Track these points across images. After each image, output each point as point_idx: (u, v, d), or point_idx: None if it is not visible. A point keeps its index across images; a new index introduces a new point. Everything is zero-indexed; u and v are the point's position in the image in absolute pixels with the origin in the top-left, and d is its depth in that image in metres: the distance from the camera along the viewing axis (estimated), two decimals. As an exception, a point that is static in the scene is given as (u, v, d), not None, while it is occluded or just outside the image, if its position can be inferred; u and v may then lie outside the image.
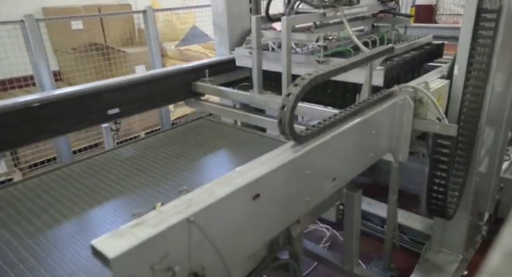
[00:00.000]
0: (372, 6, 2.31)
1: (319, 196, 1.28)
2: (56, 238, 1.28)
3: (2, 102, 1.69)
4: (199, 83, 2.30)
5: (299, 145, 1.15)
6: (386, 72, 1.82)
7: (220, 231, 0.93)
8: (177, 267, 0.83)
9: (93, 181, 1.61)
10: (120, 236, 0.77)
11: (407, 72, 2.10)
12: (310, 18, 2.06)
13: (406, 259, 2.46)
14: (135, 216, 0.84)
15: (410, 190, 2.78)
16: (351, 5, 2.10)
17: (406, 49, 2.17)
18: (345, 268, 1.99)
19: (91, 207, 1.44)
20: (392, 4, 2.46)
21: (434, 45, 2.39)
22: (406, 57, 2.06)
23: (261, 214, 1.05)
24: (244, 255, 1.06)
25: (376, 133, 1.47)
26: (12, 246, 1.24)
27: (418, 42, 2.28)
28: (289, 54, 1.93)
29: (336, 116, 1.31)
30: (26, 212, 1.42)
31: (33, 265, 1.16)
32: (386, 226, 2.21)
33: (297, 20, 1.99)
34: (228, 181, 0.97)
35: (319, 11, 1.96)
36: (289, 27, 1.87)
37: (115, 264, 0.72)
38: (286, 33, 1.86)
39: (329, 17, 2.01)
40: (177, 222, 0.83)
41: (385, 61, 1.88)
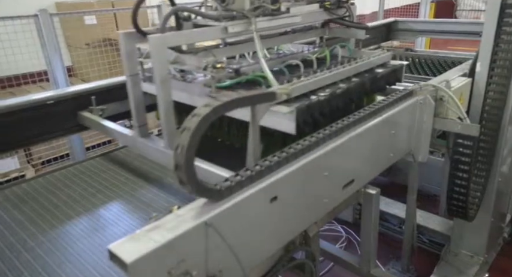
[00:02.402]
0: (309, 15, 1.67)
1: (337, 198, 1.26)
2: (68, 235, 1.30)
3: (17, 100, 1.71)
4: (84, 114, 1.77)
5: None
6: (300, 114, 1.24)
7: (237, 234, 0.92)
8: (194, 271, 0.83)
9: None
10: (137, 240, 0.77)
11: (342, 106, 1.47)
12: (200, 36, 1.40)
13: (424, 260, 2.41)
14: (152, 220, 0.83)
15: (429, 190, 2.72)
16: (275, 15, 1.50)
17: (335, 78, 1.49)
18: (362, 269, 1.96)
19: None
20: (343, 12, 1.80)
21: (390, 68, 1.73)
22: (339, 90, 1.43)
23: (279, 216, 1.04)
24: (261, 258, 1.05)
25: (396, 133, 1.44)
26: (27, 244, 1.26)
27: (367, 63, 1.65)
28: (165, 85, 1.33)
29: (349, 118, 1.27)
30: (40, 209, 1.44)
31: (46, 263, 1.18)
32: (405, 226, 2.16)
33: (175, 39, 1.34)
34: (245, 184, 0.96)
35: (219, 25, 1.39)
36: (160, 49, 1.29)
37: (132, 269, 0.72)
38: (157, 57, 1.28)
39: (236, 32, 1.42)
40: (194, 226, 0.82)
41: (305, 96, 1.35)
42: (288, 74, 1.50)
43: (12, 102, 1.65)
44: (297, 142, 1.12)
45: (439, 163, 2.58)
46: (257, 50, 1.41)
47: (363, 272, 1.95)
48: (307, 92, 1.36)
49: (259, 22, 1.45)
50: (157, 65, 1.30)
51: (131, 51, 1.44)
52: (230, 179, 0.92)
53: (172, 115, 1.38)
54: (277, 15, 1.52)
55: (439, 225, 2.40)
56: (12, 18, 3.14)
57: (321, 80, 1.42)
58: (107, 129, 1.67)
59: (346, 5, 1.78)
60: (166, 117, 1.37)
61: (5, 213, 1.43)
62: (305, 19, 1.66)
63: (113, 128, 1.65)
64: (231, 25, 1.40)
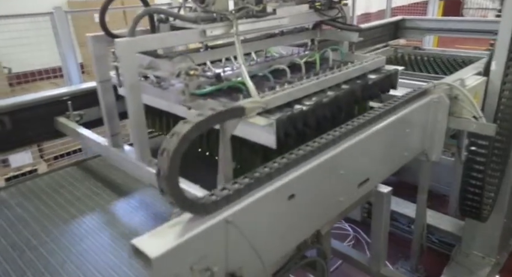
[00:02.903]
0: (297, 17, 1.54)
1: (352, 196, 1.26)
2: (71, 234, 1.30)
3: (35, 95, 1.71)
4: (60, 120, 1.68)
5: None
6: (281, 126, 1.12)
7: (256, 231, 0.92)
8: (215, 267, 0.83)
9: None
10: (160, 236, 0.77)
11: (330, 116, 1.34)
12: (174, 39, 1.28)
13: (433, 260, 2.40)
14: (173, 215, 0.83)
15: (438, 189, 2.71)
16: (259, 16, 1.38)
17: (323, 85, 1.36)
18: (371, 268, 1.96)
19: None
20: (335, 13, 1.66)
21: (384, 74, 1.58)
22: (326, 98, 1.31)
23: (296, 214, 1.04)
24: (279, 255, 1.05)
25: (410, 131, 1.43)
26: (30, 243, 1.26)
27: (359, 69, 1.52)
28: (134, 93, 1.22)
29: (359, 119, 1.23)
30: (53, 204, 1.45)
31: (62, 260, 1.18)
32: (415, 226, 2.16)
33: (146, 43, 1.22)
34: (263, 182, 0.96)
35: (197, 28, 1.27)
36: (129, 53, 1.18)
37: (156, 264, 0.72)
38: (125, 63, 1.17)
39: (215, 36, 1.30)
40: (215, 222, 0.82)
41: (288, 105, 1.25)
42: (272, 80, 1.39)
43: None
44: (314, 140, 1.12)
45: (449, 163, 2.57)
46: (238, 55, 1.27)
47: (372, 271, 1.95)
48: (291, 101, 1.25)
49: (242, 24, 1.33)
50: (126, 71, 1.18)
51: (101, 56, 1.33)
52: (239, 182, 0.91)
53: (143, 125, 1.27)
54: (261, 17, 1.40)
55: (449, 225, 2.39)
56: (25, 15, 3.16)
57: (306, 88, 1.30)
58: (81, 136, 1.57)
59: (339, 5, 1.66)
60: (137, 127, 1.25)
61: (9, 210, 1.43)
62: (293, 21, 1.53)
63: (86, 135, 1.55)
64: (209, 28, 1.28)
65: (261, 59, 1.63)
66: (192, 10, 1.37)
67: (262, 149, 1.21)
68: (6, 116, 1.57)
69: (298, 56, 1.67)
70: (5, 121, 1.57)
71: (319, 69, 1.50)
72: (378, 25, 3.41)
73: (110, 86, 1.37)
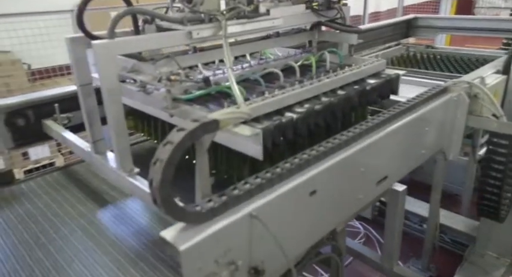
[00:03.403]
0: (293, 18, 1.46)
1: (371, 194, 1.26)
2: (79, 232, 1.29)
3: (56, 91, 1.71)
4: (47, 123, 1.62)
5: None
6: (268, 136, 1.06)
7: (279, 226, 0.92)
8: (239, 260, 0.83)
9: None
10: (188, 229, 0.78)
11: (324, 124, 1.28)
12: (157, 42, 1.20)
13: (445, 259, 2.39)
14: (199, 207, 0.84)
15: (450, 189, 2.69)
16: (251, 17, 1.31)
17: (317, 91, 1.29)
18: (384, 265, 1.96)
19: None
20: (333, 14, 1.58)
21: (384, 78, 1.49)
22: (319, 105, 1.23)
23: (317, 209, 1.04)
24: (300, 250, 1.06)
25: (429, 130, 1.42)
26: (40, 241, 1.27)
27: (357, 73, 1.43)
28: (114, 98, 1.15)
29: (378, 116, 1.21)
30: (71, 197, 1.46)
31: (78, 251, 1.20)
32: (427, 225, 2.15)
33: (126, 46, 1.14)
34: (285, 177, 0.96)
35: (183, 30, 1.20)
36: (107, 56, 1.10)
37: (185, 256, 0.73)
38: (103, 67, 1.10)
39: (201, 38, 1.22)
40: (240, 217, 0.83)
41: (277, 113, 1.18)
42: (263, 84, 1.31)
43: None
44: (334, 136, 1.12)
45: (462, 163, 2.55)
46: (225, 59, 1.19)
47: (385, 269, 1.95)
48: (281, 108, 1.18)
49: (232, 26, 1.25)
50: (105, 75, 1.10)
51: (81, 58, 1.25)
52: (261, 176, 0.90)
53: (124, 133, 1.21)
54: (253, 17, 1.31)
55: (462, 225, 2.38)
56: (47, 13, 3.20)
57: (298, 95, 1.22)
58: (66, 140, 1.52)
59: (338, 5, 1.57)
60: (117, 135, 1.18)
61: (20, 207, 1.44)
62: (288, 22, 1.44)
63: (70, 139, 1.49)
64: (196, 29, 1.19)
65: (254, 61, 1.56)
66: (180, 10, 1.30)
67: (250, 158, 1.13)
68: (30, 109, 1.58)
69: (294, 59, 1.59)
70: (29, 115, 1.59)
71: (314, 73, 1.43)
72: (389, 23, 3.38)
73: (91, 90, 1.30)
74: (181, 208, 0.77)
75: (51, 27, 3.41)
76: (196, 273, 0.76)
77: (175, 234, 0.76)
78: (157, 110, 1.25)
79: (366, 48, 2.99)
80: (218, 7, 1.25)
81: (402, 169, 1.38)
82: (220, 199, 0.84)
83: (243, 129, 1.04)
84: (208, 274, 0.78)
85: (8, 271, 1.13)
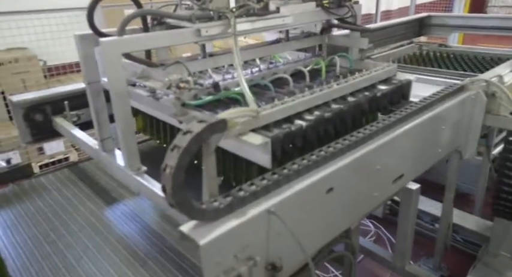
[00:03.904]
0: (303, 15, 1.41)
1: (386, 192, 1.25)
2: (88, 229, 1.30)
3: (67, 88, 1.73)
4: (58, 120, 1.63)
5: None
6: (277, 145, 1.05)
7: (296, 222, 0.92)
8: (257, 256, 0.83)
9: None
10: (206, 224, 0.78)
11: (334, 131, 1.26)
12: (165, 39, 1.19)
13: (457, 259, 2.37)
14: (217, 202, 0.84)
15: (462, 188, 2.66)
16: (260, 15, 1.28)
17: (327, 97, 1.26)
18: (395, 264, 1.95)
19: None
20: (344, 12, 1.54)
21: (396, 84, 1.44)
22: (329, 113, 1.21)
23: (333, 207, 1.04)
24: (316, 247, 1.06)
25: (446, 128, 1.41)
26: (49, 237, 1.28)
27: (368, 79, 1.39)
28: (121, 96, 1.14)
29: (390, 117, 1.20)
30: (63, 200, 1.47)
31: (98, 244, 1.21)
32: (440, 224, 2.13)
33: (134, 43, 1.13)
34: (302, 173, 0.96)
35: (191, 27, 1.19)
36: (115, 54, 1.09)
37: (204, 250, 0.73)
38: (111, 65, 1.09)
39: (210, 35, 1.20)
40: (258, 212, 0.83)
41: (286, 120, 1.15)
42: (273, 89, 1.29)
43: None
44: (351, 134, 1.11)
45: (475, 162, 2.52)
46: (234, 57, 1.16)
47: (397, 267, 1.94)
48: (290, 115, 1.16)
49: (241, 23, 1.23)
50: (112, 73, 1.09)
51: (89, 56, 1.25)
52: (278, 172, 0.90)
53: (132, 131, 1.20)
54: (263, 15, 1.29)
55: (475, 225, 2.35)
56: (63, 10, 3.23)
57: (308, 102, 1.19)
58: (75, 138, 1.51)
59: (349, 3, 1.54)
60: (125, 134, 1.18)
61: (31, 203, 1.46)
62: (298, 20, 1.40)
63: (79, 137, 1.49)
64: (205, 27, 1.18)
65: (264, 66, 1.55)
66: (189, 8, 1.29)
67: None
68: (48, 105, 1.60)
69: (304, 63, 1.59)
70: (47, 110, 1.61)
71: (324, 79, 1.42)
72: (402, 22, 3.34)
73: (99, 88, 1.29)
74: (200, 209, 0.77)
75: (68, 24, 3.44)
76: (215, 267, 0.76)
77: (194, 228, 0.76)
78: (166, 116, 1.25)
79: (377, 47, 2.96)
80: (227, 4, 1.24)
81: (418, 167, 1.37)
82: (238, 194, 0.84)
83: (252, 137, 1.03)
84: (227, 269, 0.78)
85: (18, 268, 1.14)
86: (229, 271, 0.78)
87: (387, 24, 3.16)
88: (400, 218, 1.78)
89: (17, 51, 3.86)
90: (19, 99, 1.56)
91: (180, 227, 0.76)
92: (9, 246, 1.23)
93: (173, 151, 0.74)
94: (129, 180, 1.23)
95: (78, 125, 1.60)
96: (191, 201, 0.76)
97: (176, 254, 1.15)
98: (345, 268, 1.56)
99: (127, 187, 1.48)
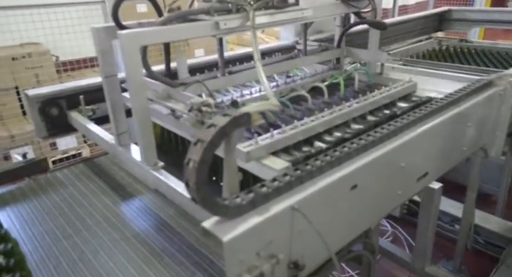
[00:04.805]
0: (323, 8, 1.39)
1: (410, 190, 1.21)
2: (103, 223, 1.30)
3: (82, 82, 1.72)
4: (73, 114, 1.61)
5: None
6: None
7: (319, 220, 0.89)
8: (281, 254, 0.81)
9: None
10: (229, 220, 0.76)
11: None
12: (183, 32, 1.18)
13: (478, 261, 2.31)
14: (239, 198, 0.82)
15: (483, 189, 2.59)
16: (280, 7, 1.26)
17: (346, 117, 1.25)
18: (415, 265, 1.90)
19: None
20: (364, 5, 1.51)
21: (416, 102, 1.42)
22: (348, 134, 1.20)
23: (357, 205, 1.00)
24: (339, 246, 1.02)
25: (472, 125, 1.36)
26: (66, 232, 1.27)
27: (389, 96, 1.37)
28: (139, 92, 1.13)
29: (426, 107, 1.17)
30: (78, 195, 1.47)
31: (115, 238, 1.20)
32: (461, 225, 2.07)
33: (153, 36, 1.13)
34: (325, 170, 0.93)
35: (210, 20, 1.17)
36: (133, 47, 1.08)
37: (228, 247, 0.71)
38: (130, 57, 1.07)
39: (229, 28, 1.19)
40: (282, 209, 0.80)
41: (306, 143, 1.16)
42: (291, 107, 1.29)
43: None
44: (376, 130, 1.08)
45: (498, 161, 2.45)
46: (254, 52, 1.14)
47: (416, 269, 1.90)
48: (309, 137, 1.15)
49: (260, 16, 1.22)
50: (130, 66, 1.07)
51: (107, 49, 1.23)
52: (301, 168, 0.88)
53: (149, 126, 1.19)
54: (282, 8, 1.27)
55: (497, 226, 2.28)
56: (77, 4, 3.25)
57: (327, 122, 1.19)
58: (91, 133, 1.50)
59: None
60: (142, 128, 1.17)
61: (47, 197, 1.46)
62: (317, 13, 1.37)
63: (95, 131, 1.47)
64: (223, 20, 1.17)
65: (281, 80, 1.54)
66: (206, 0, 1.27)
67: None
68: (63, 99, 1.60)
69: (321, 77, 1.59)
70: (62, 104, 1.60)
71: (343, 94, 1.41)
72: (421, 16, 3.27)
73: (116, 82, 1.28)
74: (223, 205, 0.75)
75: (83, 18, 3.46)
76: (238, 265, 0.74)
77: (217, 225, 0.74)
78: (188, 135, 1.25)
79: (394, 42, 2.90)
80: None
81: (443, 166, 1.32)
82: (260, 190, 0.82)
83: (273, 161, 1.05)
84: (249, 267, 0.76)
85: (36, 262, 1.14)
86: (252, 269, 0.76)
87: (405, 19, 3.10)
88: (421, 218, 1.74)
89: (30, 46, 3.90)
90: (35, 93, 1.56)
91: (202, 223, 0.74)
92: (27, 240, 1.23)
93: (196, 145, 0.72)
94: (146, 175, 1.22)
95: (93, 119, 1.60)
96: (214, 196, 0.73)
97: (193, 251, 1.14)
98: (364, 268, 1.53)
99: (142, 183, 1.47)
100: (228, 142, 0.84)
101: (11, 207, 1.41)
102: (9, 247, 0.97)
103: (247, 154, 1.05)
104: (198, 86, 1.29)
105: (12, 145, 3.41)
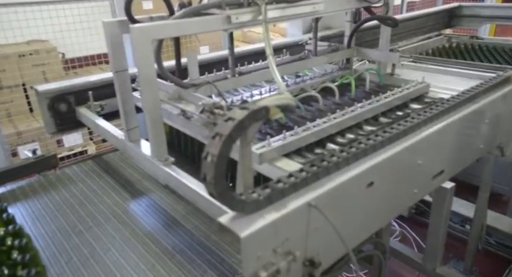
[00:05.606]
0: (334, 3, 1.37)
1: (426, 188, 1.19)
2: (114, 220, 1.28)
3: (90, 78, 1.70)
4: (82, 110, 1.60)
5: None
6: None
7: (335, 217, 0.87)
8: (297, 251, 0.79)
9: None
10: (247, 215, 0.74)
11: None
12: (195, 26, 1.15)
13: (490, 263, 2.27)
14: (255, 194, 0.80)
15: (495, 189, 2.55)
16: (292, 1, 1.26)
17: (359, 118, 1.25)
18: (425, 266, 1.87)
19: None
20: (376, 0, 1.49)
21: (428, 102, 1.41)
22: (360, 137, 1.19)
23: (373, 202, 0.98)
24: (355, 244, 1.01)
25: (489, 122, 1.33)
26: (77, 228, 1.26)
27: (401, 97, 1.36)
28: (151, 87, 1.12)
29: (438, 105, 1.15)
30: (89, 192, 1.45)
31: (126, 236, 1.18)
32: (472, 226, 2.04)
33: (165, 30, 1.11)
34: (341, 166, 0.91)
35: (221, 14, 1.15)
36: (145, 41, 1.06)
37: (245, 243, 0.69)
38: (141, 52, 1.07)
39: (240, 22, 1.17)
40: (299, 205, 0.78)
41: (318, 144, 1.16)
42: (302, 108, 1.29)
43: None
44: (392, 126, 1.06)
45: (510, 161, 2.40)
46: (266, 46, 1.13)
47: (427, 269, 1.87)
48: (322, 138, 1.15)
49: (272, 10, 1.21)
50: (141, 60, 1.06)
51: (118, 43, 1.20)
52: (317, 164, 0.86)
53: (160, 121, 1.18)
54: (293, 2, 1.26)
55: (510, 227, 2.24)
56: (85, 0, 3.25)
57: (339, 124, 1.18)
58: (100, 128, 1.48)
59: None
60: (153, 123, 1.16)
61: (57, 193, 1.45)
62: (329, 7, 1.35)
63: (104, 127, 1.45)
64: (235, 14, 1.15)
65: (291, 80, 1.53)
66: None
67: None
68: (72, 95, 1.59)
69: (331, 77, 1.57)
70: (71, 100, 1.59)
71: (354, 95, 1.41)
72: (430, 12, 3.22)
73: (126, 77, 1.26)
74: (240, 200, 0.73)
75: (91, 14, 3.46)
76: (255, 261, 0.72)
77: (233, 220, 0.72)
78: (198, 136, 1.25)
79: (403, 39, 2.87)
80: None
81: (459, 164, 1.30)
82: (277, 186, 0.80)
83: (286, 163, 1.05)
84: (266, 263, 0.74)
85: (48, 258, 1.14)
86: (269, 266, 0.74)
87: (415, 15, 3.06)
88: (432, 218, 1.70)
89: (37, 43, 3.91)
90: (45, 88, 1.56)
91: (218, 219, 0.72)
92: (38, 236, 1.22)
93: (215, 139, 0.70)
94: (157, 171, 1.21)
95: (101, 115, 1.58)
96: (231, 191, 0.72)
97: (204, 248, 1.12)
98: (374, 268, 1.51)
99: (151, 180, 1.47)
100: (244, 136, 0.82)
101: (22, 203, 1.40)
102: (24, 243, 0.96)
103: (261, 156, 1.04)
104: (209, 86, 1.29)
105: (20, 142, 3.42)
